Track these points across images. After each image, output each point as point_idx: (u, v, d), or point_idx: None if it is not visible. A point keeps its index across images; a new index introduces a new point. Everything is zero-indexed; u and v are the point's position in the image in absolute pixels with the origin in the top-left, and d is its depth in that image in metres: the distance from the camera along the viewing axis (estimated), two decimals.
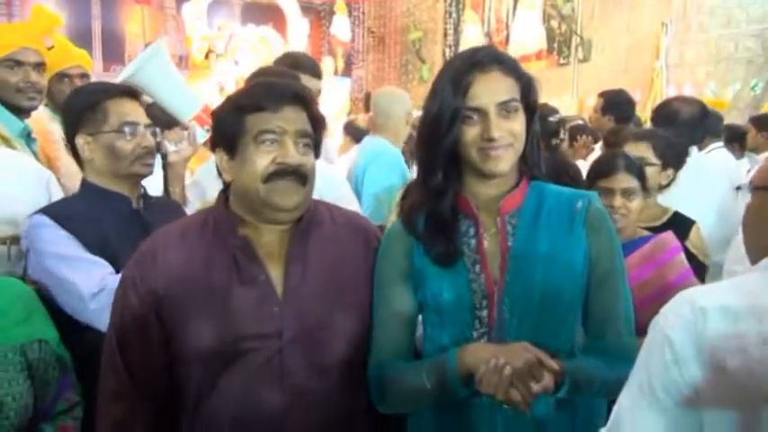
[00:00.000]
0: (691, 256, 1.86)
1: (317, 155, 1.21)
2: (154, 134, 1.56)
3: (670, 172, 2.06)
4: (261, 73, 1.98)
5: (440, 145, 1.11)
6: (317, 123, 1.20)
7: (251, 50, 7.52)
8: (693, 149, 2.51)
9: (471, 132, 1.09)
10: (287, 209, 1.15)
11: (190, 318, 1.13)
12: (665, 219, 2.02)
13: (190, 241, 1.18)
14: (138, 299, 1.15)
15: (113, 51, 8.93)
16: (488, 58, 1.10)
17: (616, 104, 3.41)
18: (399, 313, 1.18)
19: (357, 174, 2.50)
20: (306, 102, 1.18)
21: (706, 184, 2.42)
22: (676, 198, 2.09)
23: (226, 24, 8.30)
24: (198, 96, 1.99)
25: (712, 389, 0.76)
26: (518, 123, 1.10)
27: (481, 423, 1.11)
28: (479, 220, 1.14)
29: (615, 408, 0.85)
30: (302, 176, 1.15)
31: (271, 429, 1.12)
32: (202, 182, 2.05)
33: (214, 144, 1.20)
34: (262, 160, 1.13)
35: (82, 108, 1.50)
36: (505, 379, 0.95)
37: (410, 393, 1.13)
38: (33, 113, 2.01)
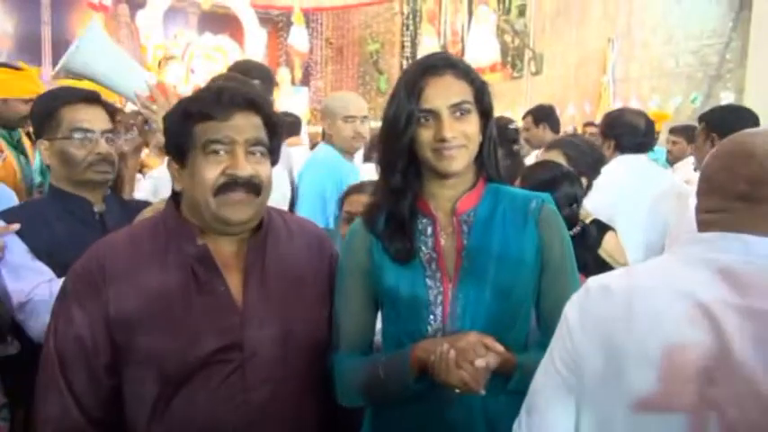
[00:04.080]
0: (604, 263, 1.93)
1: (274, 161, 1.17)
2: (111, 140, 1.55)
3: (583, 181, 2.03)
4: (218, 80, 1.99)
5: (397, 147, 1.14)
6: (274, 128, 1.15)
7: (207, 59, 7.45)
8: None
9: (426, 134, 1.13)
10: (237, 223, 1.11)
11: (145, 334, 1.06)
12: (577, 229, 1.93)
13: (141, 251, 1.11)
14: (85, 316, 1.07)
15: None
16: (441, 63, 1.14)
17: (544, 116, 3.84)
18: (359, 308, 1.21)
19: (296, 179, 2.53)
20: (258, 106, 1.12)
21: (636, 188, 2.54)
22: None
23: (182, 33, 8.22)
24: (145, 75, 1.82)
25: (592, 360, 0.86)
26: (471, 125, 1.14)
27: (435, 420, 1.14)
28: (437, 220, 1.18)
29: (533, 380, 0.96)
30: (255, 187, 1.10)
31: None
32: (159, 178, 2.02)
33: (166, 151, 1.16)
34: (210, 172, 1.07)
35: (40, 114, 1.53)
36: (452, 361, 1.00)
37: (368, 387, 1.16)
38: None
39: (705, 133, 2.41)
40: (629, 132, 2.66)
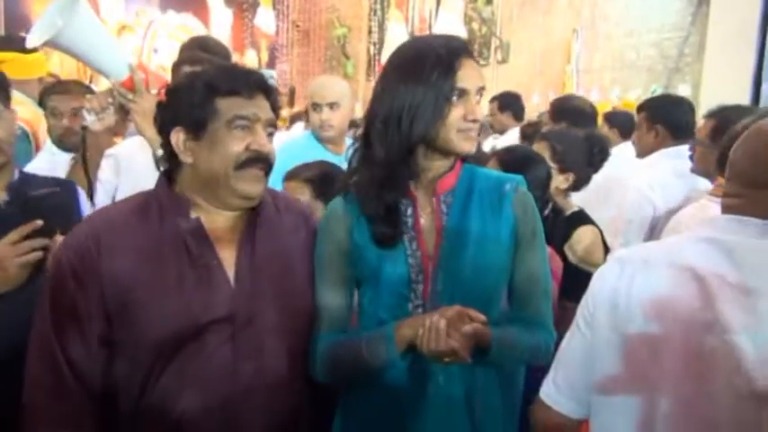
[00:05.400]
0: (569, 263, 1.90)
1: None
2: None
3: (569, 176, 2.04)
4: (187, 60, 1.95)
5: (431, 131, 1.14)
6: (276, 114, 1.22)
7: (171, 38, 7.27)
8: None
9: (454, 113, 1.14)
10: (252, 197, 1.15)
11: (138, 306, 1.08)
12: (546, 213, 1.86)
13: (135, 224, 1.13)
14: (81, 288, 1.08)
15: (17, 33, 8.32)
16: (465, 45, 1.20)
17: (508, 103, 4.08)
18: (338, 287, 1.23)
19: None
20: (270, 92, 1.19)
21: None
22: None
23: (143, 10, 7.99)
24: (126, 56, 1.77)
25: (601, 327, 0.96)
26: (481, 110, 1.21)
27: (414, 393, 1.18)
28: (417, 200, 1.21)
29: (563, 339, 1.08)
30: (269, 165, 1.16)
31: (222, 419, 1.10)
32: (119, 156, 1.98)
33: (170, 122, 1.14)
34: (235, 146, 1.11)
35: None
36: (442, 330, 1.05)
37: (349, 365, 1.19)
38: None
39: (648, 123, 2.40)
40: (579, 115, 2.88)
